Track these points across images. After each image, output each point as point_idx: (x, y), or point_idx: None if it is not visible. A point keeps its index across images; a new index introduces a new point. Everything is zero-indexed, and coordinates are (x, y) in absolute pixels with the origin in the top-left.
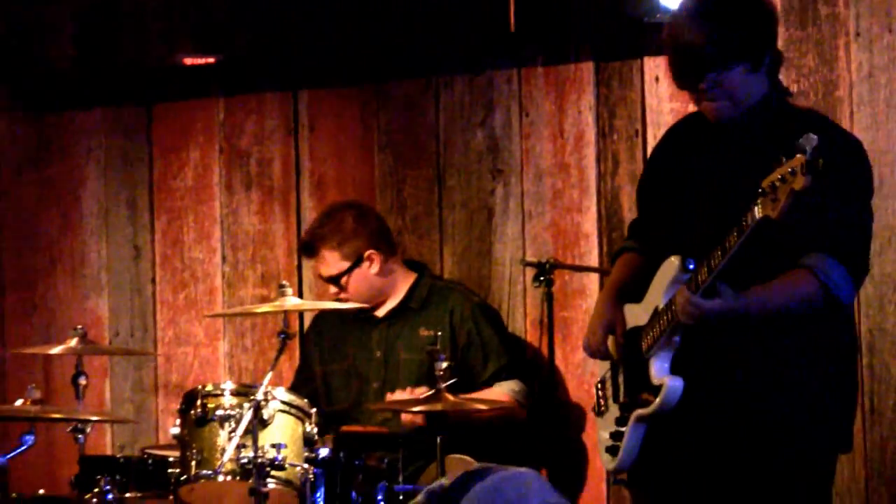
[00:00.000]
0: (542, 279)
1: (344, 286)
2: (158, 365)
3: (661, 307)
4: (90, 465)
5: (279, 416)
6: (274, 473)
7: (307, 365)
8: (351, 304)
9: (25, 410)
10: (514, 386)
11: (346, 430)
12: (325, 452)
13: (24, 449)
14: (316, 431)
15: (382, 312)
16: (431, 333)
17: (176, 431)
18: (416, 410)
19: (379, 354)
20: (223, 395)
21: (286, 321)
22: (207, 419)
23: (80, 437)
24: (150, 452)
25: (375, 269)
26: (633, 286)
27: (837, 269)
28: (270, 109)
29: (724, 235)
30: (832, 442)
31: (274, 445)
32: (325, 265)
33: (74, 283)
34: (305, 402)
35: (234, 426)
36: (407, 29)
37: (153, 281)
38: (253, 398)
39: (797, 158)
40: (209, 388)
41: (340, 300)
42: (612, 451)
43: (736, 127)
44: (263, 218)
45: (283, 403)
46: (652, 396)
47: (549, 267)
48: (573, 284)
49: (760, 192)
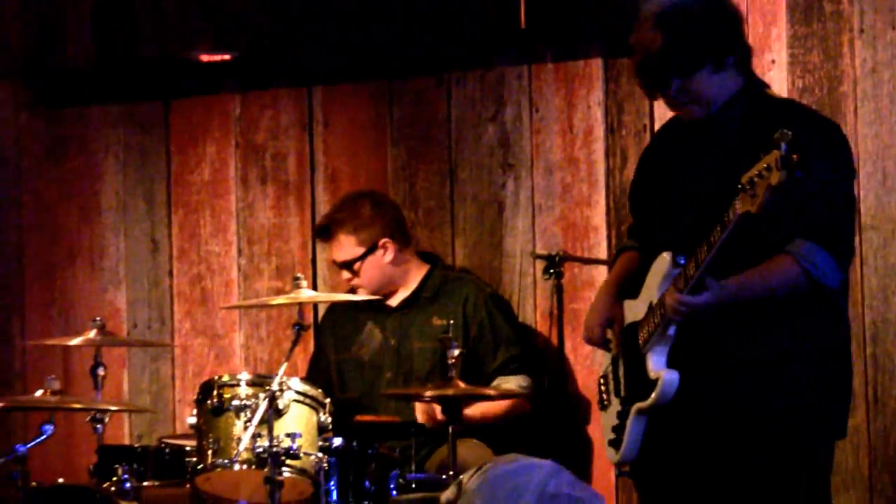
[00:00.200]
0: (551, 271)
1: (357, 272)
2: (175, 356)
3: (655, 302)
4: (108, 454)
5: (294, 405)
6: (289, 462)
7: (321, 354)
8: (363, 296)
9: (45, 400)
10: (521, 381)
11: (359, 419)
12: (338, 441)
13: (43, 438)
14: (330, 421)
15: (395, 302)
16: (445, 322)
17: (192, 421)
18: (427, 398)
19: (393, 343)
20: (239, 385)
21: (301, 313)
22: (223, 409)
23: (98, 426)
24: (167, 442)
25: (389, 257)
26: (631, 282)
27: (819, 253)
28: (285, 105)
29: (709, 230)
30: (827, 429)
31: (289, 435)
32: (339, 249)
33: (93, 275)
34: (320, 392)
35: (249, 416)
36: (419, 26)
37: (170, 273)
38: (268, 388)
39: (773, 154)
40: (225, 378)
41: (352, 286)
42: (615, 444)
43: (713, 124)
44: (278, 212)
45: (297, 393)
46: (650, 389)
47: (558, 259)
48: (582, 277)
49: (740, 187)
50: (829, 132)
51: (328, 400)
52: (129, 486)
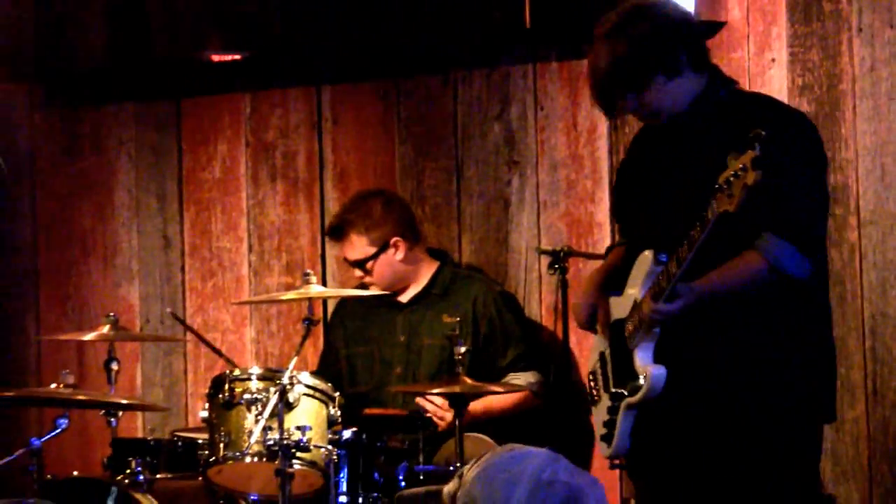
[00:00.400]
0: (556, 267)
1: (369, 270)
2: (187, 350)
3: (639, 300)
4: (122, 447)
5: (304, 399)
6: (299, 455)
7: (331, 348)
8: (373, 290)
9: (59, 394)
10: (531, 378)
11: (368, 412)
12: (348, 434)
13: (58, 432)
14: (339, 414)
15: (406, 298)
16: (454, 320)
17: (204, 415)
18: (436, 392)
19: (403, 339)
20: (250, 379)
21: (310, 308)
22: (235, 403)
23: (112, 420)
24: (179, 435)
25: (400, 255)
26: (618, 274)
27: (781, 244)
28: (295, 104)
29: (689, 228)
30: (815, 414)
31: (299, 428)
32: (351, 249)
33: (107, 271)
34: (329, 385)
35: (260, 409)
36: (426, 26)
37: (182, 269)
38: (279, 382)
39: (748, 154)
40: (237, 372)
41: (365, 284)
42: (606, 438)
43: (683, 124)
44: (288, 209)
45: (307, 387)
46: (639, 385)
47: (563, 255)
48: (587, 272)
49: (717, 187)
50: (795, 124)
51: (338, 394)
52: (142, 478)
